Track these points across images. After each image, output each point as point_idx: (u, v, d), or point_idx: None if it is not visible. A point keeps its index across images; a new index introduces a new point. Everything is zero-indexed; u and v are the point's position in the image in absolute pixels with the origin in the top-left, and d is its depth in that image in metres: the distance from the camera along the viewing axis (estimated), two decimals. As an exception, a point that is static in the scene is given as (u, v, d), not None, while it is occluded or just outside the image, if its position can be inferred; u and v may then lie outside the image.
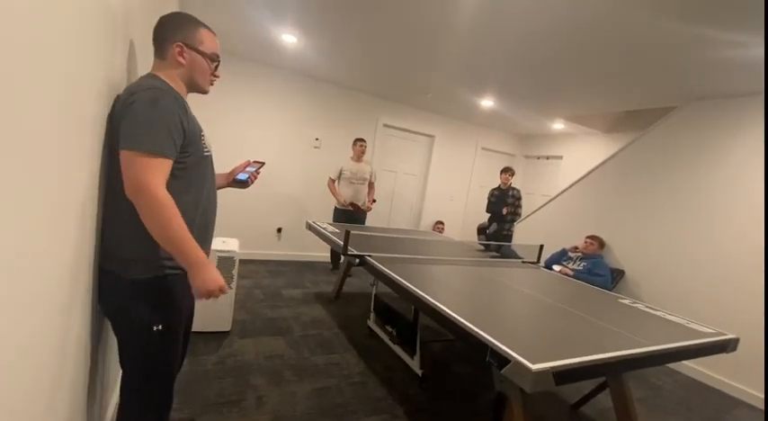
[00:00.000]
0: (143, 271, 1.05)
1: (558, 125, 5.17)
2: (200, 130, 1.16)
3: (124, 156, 0.94)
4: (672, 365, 3.09)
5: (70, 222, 0.84)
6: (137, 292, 1.07)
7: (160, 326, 1.11)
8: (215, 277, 1.04)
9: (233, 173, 1.51)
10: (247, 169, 1.53)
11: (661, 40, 2.28)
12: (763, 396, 2.64)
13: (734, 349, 1.73)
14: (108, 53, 1.01)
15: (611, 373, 1.86)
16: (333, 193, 4.17)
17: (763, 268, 2.70)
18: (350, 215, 4.12)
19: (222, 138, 4.01)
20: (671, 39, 2.25)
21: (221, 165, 1.38)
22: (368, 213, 4.33)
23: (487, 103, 4.45)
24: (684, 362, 3.01)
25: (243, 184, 1.51)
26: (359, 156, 4.18)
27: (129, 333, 1.11)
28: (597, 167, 4.01)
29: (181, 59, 1.13)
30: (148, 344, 1.12)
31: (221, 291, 1.06)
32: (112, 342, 1.38)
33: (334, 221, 4.01)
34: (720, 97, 3.10)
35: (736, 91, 2.94)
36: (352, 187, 4.14)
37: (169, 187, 1.06)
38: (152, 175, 0.94)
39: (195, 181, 1.15)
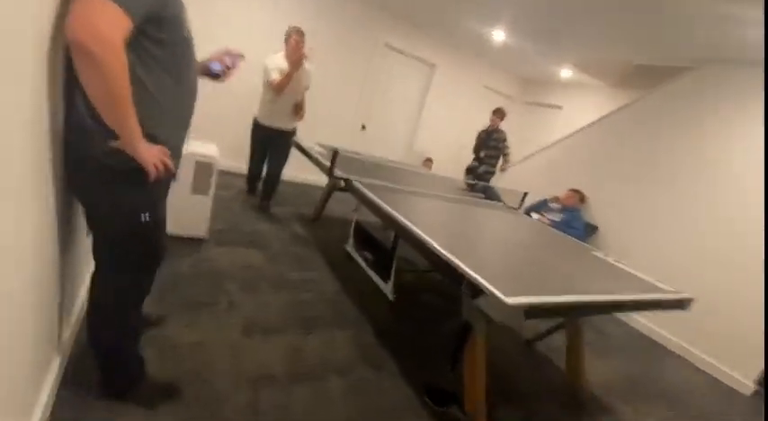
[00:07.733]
0: (128, 159, 0.95)
1: (566, 72, 4.94)
2: (183, 8, 1.01)
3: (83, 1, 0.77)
4: (622, 317, 3.34)
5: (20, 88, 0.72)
6: (124, 178, 0.98)
7: (147, 216, 1.06)
8: (154, 149, 0.97)
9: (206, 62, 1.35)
10: (224, 59, 1.36)
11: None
12: (690, 348, 2.93)
13: (686, 308, 1.84)
14: None
15: (572, 315, 1.98)
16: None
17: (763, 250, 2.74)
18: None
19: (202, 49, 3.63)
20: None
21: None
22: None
23: (498, 34, 4.13)
24: (634, 316, 3.26)
25: (215, 77, 1.35)
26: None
27: (113, 222, 1.05)
28: (594, 123, 3.92)
29: None
30: (136, 235, 1.08)
31: (164, 164, 0.99)
32: (79, 230, 1.32)
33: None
34: (735, 62, 2.96)
35: (752, 57, 2.79)
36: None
37: (148, 66, 0.94)
38: (116, 26, 0.79)
39: (177, 62, 1.03)
